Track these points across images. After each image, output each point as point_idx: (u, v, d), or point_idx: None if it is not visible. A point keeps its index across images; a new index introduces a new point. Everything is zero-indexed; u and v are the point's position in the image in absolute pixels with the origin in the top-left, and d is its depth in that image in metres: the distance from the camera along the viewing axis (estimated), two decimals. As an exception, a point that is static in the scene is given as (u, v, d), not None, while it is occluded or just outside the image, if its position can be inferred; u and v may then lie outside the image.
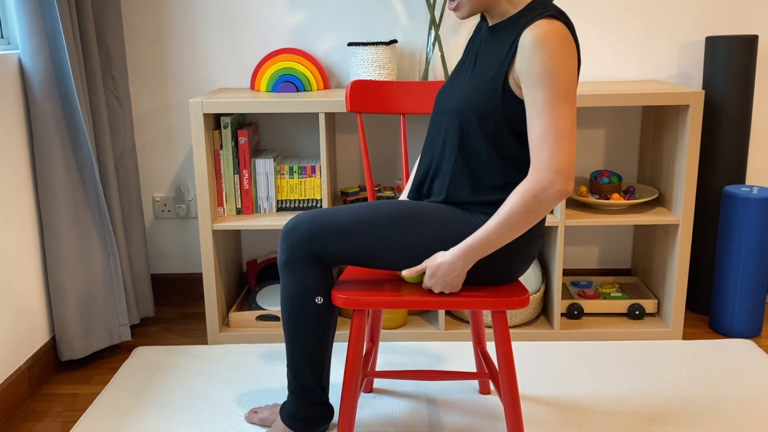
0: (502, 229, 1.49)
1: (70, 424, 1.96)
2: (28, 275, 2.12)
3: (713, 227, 2.51)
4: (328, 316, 1.65)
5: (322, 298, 1.62)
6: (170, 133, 2.68)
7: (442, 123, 1.64)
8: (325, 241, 1.58)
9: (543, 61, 1.42)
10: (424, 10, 2.55)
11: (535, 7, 1.51)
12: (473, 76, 1.58)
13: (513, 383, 1.62)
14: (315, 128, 2.65)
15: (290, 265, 1.61)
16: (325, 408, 1.77)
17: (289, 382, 1.74)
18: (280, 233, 1.63)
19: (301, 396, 1.73)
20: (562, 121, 1.43)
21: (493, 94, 1.52)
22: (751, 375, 2.15)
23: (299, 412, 1.74)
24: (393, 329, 2.43)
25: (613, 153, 2.68)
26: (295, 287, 1.62)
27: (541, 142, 1.44)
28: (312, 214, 1.61)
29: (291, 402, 1.75)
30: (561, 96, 1.43)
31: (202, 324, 2.59)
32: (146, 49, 2.60)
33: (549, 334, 2.41)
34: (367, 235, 1.57)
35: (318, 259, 1.60)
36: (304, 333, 1.65)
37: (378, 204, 1.61)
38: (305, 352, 1.67)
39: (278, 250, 1.63)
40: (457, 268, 1.53)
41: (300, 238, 1.59)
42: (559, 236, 2.33)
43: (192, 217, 2.76)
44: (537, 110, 1.44)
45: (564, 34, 1.44)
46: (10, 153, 2.04)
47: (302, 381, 1.71)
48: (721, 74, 2.40)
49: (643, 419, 1.93)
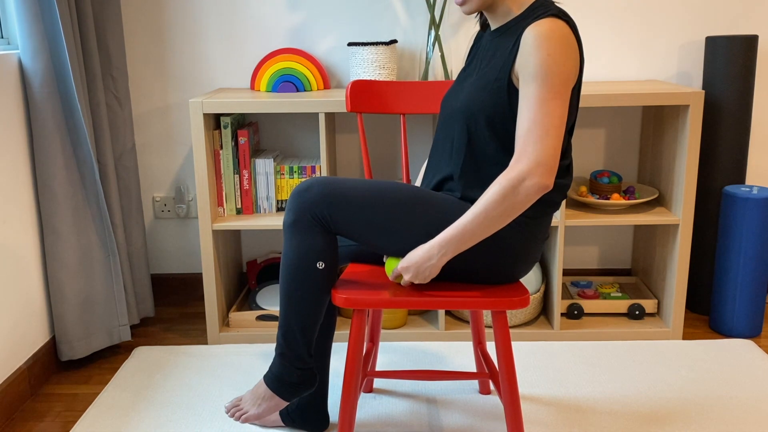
0: (480, 221, 1.47)
1: (70, 424, 1.96)
2: (28, 275, 2.12)
3: (713, 227, 2.51)
4: (327, 282, 1.63)
5: (323, 264, 1.61)
6: (170, 133, 2.68)
7: (449, 126, 1.64)
8: (336, 207, 1.57)
9: (540, 57, 1.43)
10: (424, 10, 2.55)
11: (538, 8, 1.52)
12: (478, 78, 1.59)
13: (513, 383, 1.62)
14: (315, 128, 2.65)
15: (297, 226, 1.59)
16: (310, 374, 1.73)
17: (278, 344, 1.70)
18: (291, 192, 1.62)
19: (288, 359, 1.69)
20: (550, 117, 1.44)
21: (499, 93, 1.52)
22: (751, 375, 2.15)
23: (284, 376, 1.70)
24: (393, 329, 2.43)
25: (613, 153, 2.68)
26: (299, 249, 1.60)
27: (527, 135, 1.44)
28: (326, 179, 1.60)
29: (277, 365, 1.71)
30: (553, 92, 1.44)
31: (202, 324, 2.59)
32: (146, 49, 2.60)
33: (549, 334, 2.41)
34: (377, 209, 1.57)
35: (325, 225, 1.59)
36: (302, 296, 1.63)
37: (395, 183, 1.61)
38: (300, 315, 1.64)
39: (286, 209, 1.62)
40: (432, 258, 1.52)
41: (311, 200, 1.58)
42: (559, 236, 2.33)
43: (192, 217, 2.76)
44: (527, 104, 1.45)
45: (565, 33, 1.45)
46: (10, 153, 2.04)
47: (291, 344, 1.67)
48: (721, 74, 2.40)
49: (643, 419, 1.93)
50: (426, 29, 2.56)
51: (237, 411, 1.81)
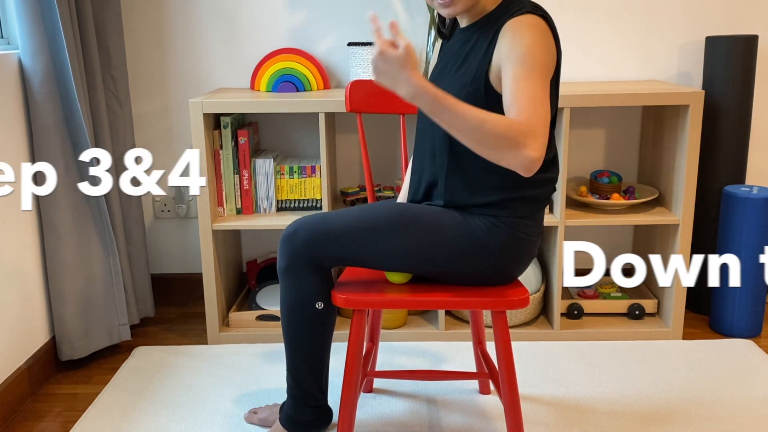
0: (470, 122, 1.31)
1: (70, 424, 1.96)
2: (28, 275, 2.11)
3: (713, 227, 2.51)
4: (328, 320, 1.66)
5: (322, 304, 1.63)
6: (170, 133, 2.67)
7: (429, 130, 1.63)
8: (325, 245, 1.58)
9: (523, 42, 1.41)
10: (424, 10, 2.54)
11: (512, 3, 1.51)
12: (453, 82, 1.56)
13: (513, 383, 1.62)
14: (315, 128, 2.65)
15: (290, 271, 1.61)
16: (324, 411, 1.77)
17: (289, 386, 1.74)
18: (280, 238, 1.63)
19: (300, 399, 1.73)
20: (538, 90, 1.37)
21: (476, 95, 1.50)
22: (751, 375, 2.15)
23: (298, 416, 1.74)
24: (393, 329, 2.43)
25: (613, 153, 2.68)
26: (296, 293, 1.62)
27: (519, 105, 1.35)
28: (311, 219, 1.61)
29: (290, 405, 1.75)
30: (536, 72, 1.39)
31: (202, 324, 2.59)
32: (146, 49, 2.60)
33: (549, 334, 2.41)
34: (366, 240, 1.57)
35: (318, 264, 1.60)
36: (305, 337, 1.65)
37: (377, 208, 1.61)
38: (305, 356, 1.68)
39: (278, 255, 1.63)
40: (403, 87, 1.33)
41: (300, 243, 1.59)
42: (559, 236, 2.33)
43: (192, 217, 2.76)
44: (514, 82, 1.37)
45: (543, 27, 1.45)
46: (10, 153, 2.04)
47: (301, 385, 1.71)
48: (721, 74, 2.40)
49: (643, 419, 1.93)
50: (426, 29, 2.56)
51: None
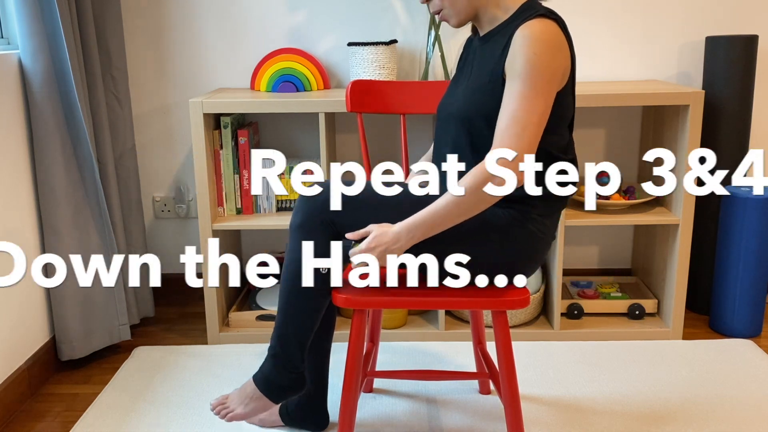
0: (451, 209, 1.48)
1: (70, 424, 1.96)
2: (28, 275, 2.11)
3: (713, 227, 2.51)
4: (328, 286, 1.63)
5: (327, 268, 1.61)
6: (170, 133, 2.67)
7: (449, 130, 1.65)
8: (344, 211, 1.58)
9: (527, 56, 1.45)
10: (424, 10, 2.54)
11: (526, 10, 1.53)
12: (472, 82, 1.60)
13: (513, 383, 1.62)
14: (315, 128, 2.65)
15: (303, 229, 1.59)
16: (299, 378, 1.71)
17: (272, 345, 1.68)
18: (300, 195, 1.61)
19: (281, 361, 1.67)
20: (529, 114, 1.45)
21: (494, 93, 1.53)
22: (751, 375, 2.15)
23: (275, 378, 1.69)
24: (393, 329, 2.43)
25: (613, 153, 2.68)
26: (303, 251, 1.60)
27: (506, 130, 1.46)
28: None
29: (269, 366, 1.69)
30: (535, 90, 1.45)
31: (202, 324, 2.59)
32: (146, 49, 2.60)
33: (549, 334, 2.41)
34: (388, 213, 1.57)
35: (331, 229, 1.59)
36: (302, 297, 1.62)
37: (405, 189, 1.61)
38: (297, 317, 1.64)
39: (294, 212, 1.62)
40: (400, 240, 1.51)
41: (321, 202, 1.58)
42: (559, 236, 2.33)
43: (192, 217, 2.76)
44: (509, 100, 1.47)
45: (554, 32, 1.47)
46: (10, 153, 2.04)
47: (286, 347, 1.66)
48: (721, 74, 2.40)
49: (643, 419, 1.93)
50: (426, 29, 2.56)
51: (223, 409, 1.77)
